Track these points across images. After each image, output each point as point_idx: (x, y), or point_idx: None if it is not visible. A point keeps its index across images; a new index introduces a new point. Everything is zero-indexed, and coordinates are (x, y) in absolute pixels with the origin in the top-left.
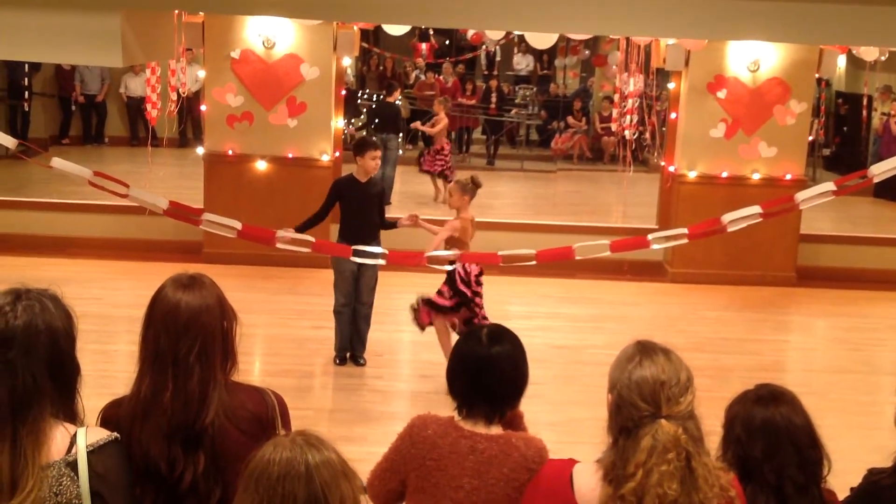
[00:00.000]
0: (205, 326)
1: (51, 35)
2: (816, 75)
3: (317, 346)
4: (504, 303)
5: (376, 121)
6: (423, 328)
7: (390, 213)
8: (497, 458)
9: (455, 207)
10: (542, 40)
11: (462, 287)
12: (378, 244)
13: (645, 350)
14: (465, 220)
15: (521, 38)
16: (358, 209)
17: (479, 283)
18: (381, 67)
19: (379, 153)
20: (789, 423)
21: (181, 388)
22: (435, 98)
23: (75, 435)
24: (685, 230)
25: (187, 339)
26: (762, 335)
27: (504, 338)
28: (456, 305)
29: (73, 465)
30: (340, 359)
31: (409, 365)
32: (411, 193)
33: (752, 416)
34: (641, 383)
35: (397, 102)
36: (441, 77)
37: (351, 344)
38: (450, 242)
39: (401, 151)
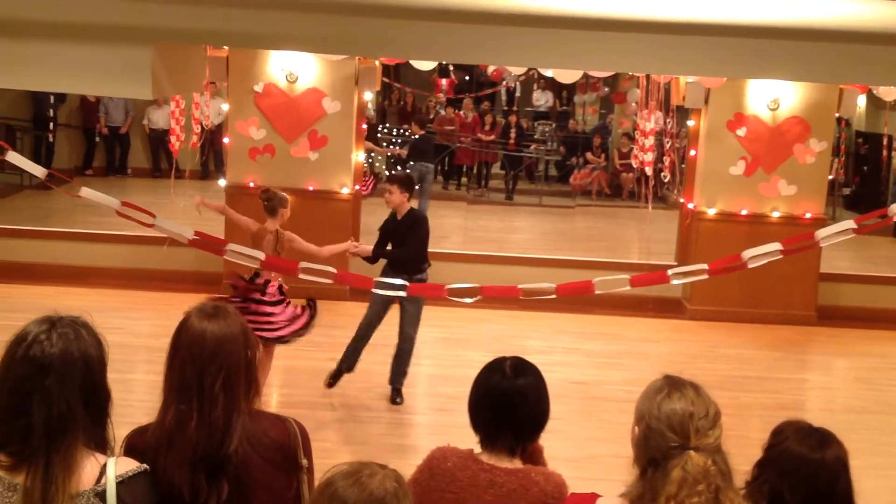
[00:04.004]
0: (230, 355)
1: (82, 67)
2: (836, 114)
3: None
4: (522, 337)
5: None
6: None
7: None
8: (516, 493)
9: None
10: (566, 74)
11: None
12: (416, 274)
13: (674, 383)
14: (263, 229)
15: (541, 74)
16: (393, 242)
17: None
18: (402, 102)
19: (392, 188)
20: (836, 470)
21: (206, 416)
22: (454, 132)
23: (105, 465)
24: (705, 266)
25: (213, 368)
26: (782, 374)
27: (528, 370)
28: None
29: (101, 496)
30: (332, 377)
31: (427, 398)
32: (432, 225)
33: (804, 459)
34: (671, 415)
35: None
36: (461, 112)
37: (392, 376)
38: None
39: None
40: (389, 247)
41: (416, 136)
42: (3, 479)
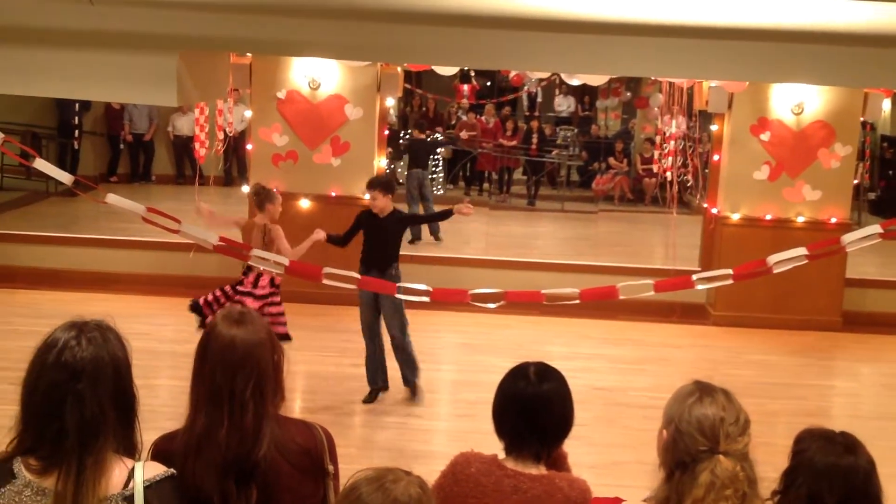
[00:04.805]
0: (259, 361)
1: (110, 75)
2: (861, 118)
3: (357, 383)
4: (544, 343)
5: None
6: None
7: (423, 250)
8: (540, 499)
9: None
10: (591, 77)
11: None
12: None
13: (705, 389)
14: (252, 223)
15: (563, 79)
16: (373, 238)
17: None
18: (424, 108)
19: (374, 193)
20: (867, 474)
21: (237, 423)
22: (475, 139)
23: (133, 469)
24: (730, 271)
25: (243, 374)
26: (807, 380)
27: (552, 375)
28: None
29: (129, 500)
30: (369, 395)
31: (449, 404)
32: (454, 231)
33: (836, 462)
34: (702, 419)
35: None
36: (483, 118)
37: (403, 376)
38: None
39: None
40: (368, 243)
41: (412, 140)
42: (31, 483)
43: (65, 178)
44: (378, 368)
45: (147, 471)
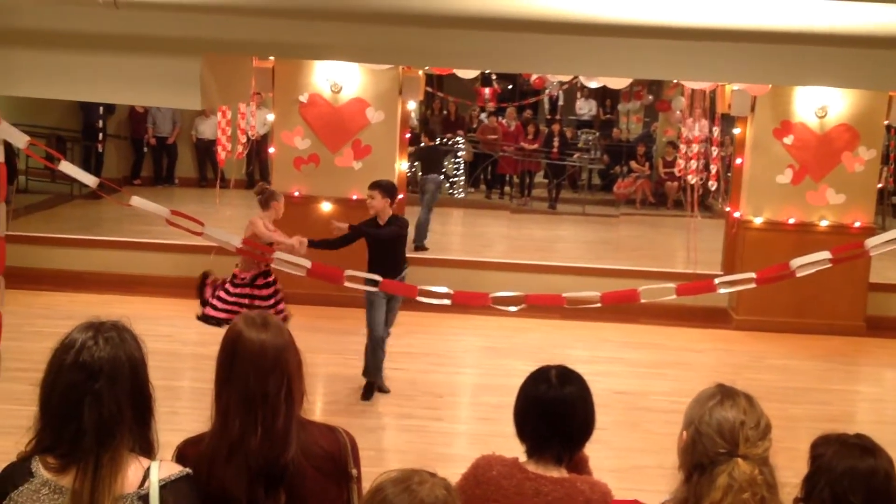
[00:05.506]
0: (288, 364)
1: (135, 79)
2: (886, 122)
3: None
4: (565, 347)
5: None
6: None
7: (445, 253)
8: (562, 502)
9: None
10: (615, 80)
11: (237, 291)
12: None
13: (727, 392)
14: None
15: (584, 83)
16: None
17: (259, 287)
18: (445, 111)
19: (373, 192)
20: (888, 475)
21: (269, 427)
22: (497, 142)
23: (148, 468)
24: (753, 275)
25: (274, 378)
26: (830, 385)
27: (573, 379)
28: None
29: (144, 499)
30: (368, 390)
31: (470, 407)
32: (476, 234)
33: (855, 465)
34: (722, 422)
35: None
36: (504, 121)
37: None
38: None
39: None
40: (371, 251)
41: (425, 147)
42: (49, 482)
43: (90, 180)
44: (380, 364)
45: (163, 470)
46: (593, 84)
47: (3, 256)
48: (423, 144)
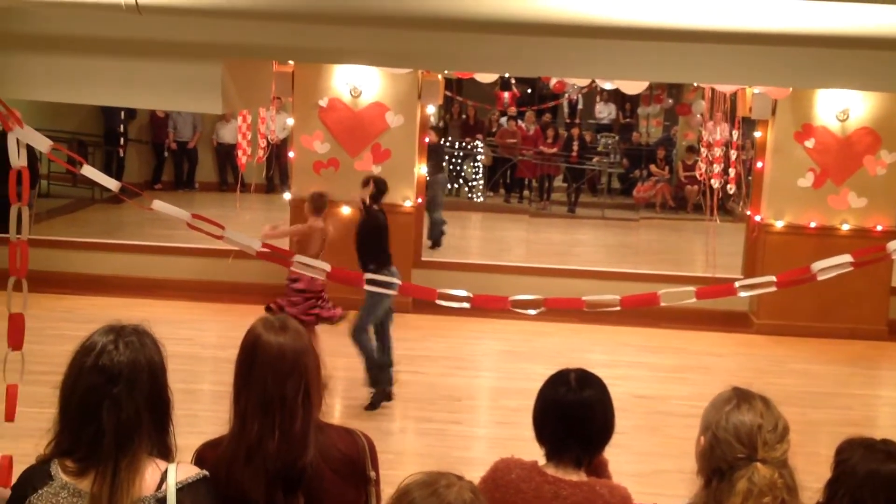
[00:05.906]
0: (307, 368)
1: (156, 83)
2: None
3: (395, 389)
4: (584, 351)
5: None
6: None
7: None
8: None
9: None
10: (631, 85)
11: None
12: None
13: (743, 395)
14: (312, 227)
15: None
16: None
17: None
18: (464, 116)
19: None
20: None
21: (287, 430)
22: (516, 145)
23: (166, 471)
24: (773, 278)
25: (293, 381)
26: (852, 390)
27: (592, 382)
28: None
29: (162, 501)
30: (377, 398)
31: (488, 411)
32: (495, 238)
33: (878, 469)
34: (739, 426)
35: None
36: (523, 125)
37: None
38: (296, 247)
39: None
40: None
41: (429, 144)
42: (68, 485)
43: (112, 184)
44: (384, 367)
45: (180, 472)
46: (608, 85)
47: (26, 260)
48: (427, 140)
